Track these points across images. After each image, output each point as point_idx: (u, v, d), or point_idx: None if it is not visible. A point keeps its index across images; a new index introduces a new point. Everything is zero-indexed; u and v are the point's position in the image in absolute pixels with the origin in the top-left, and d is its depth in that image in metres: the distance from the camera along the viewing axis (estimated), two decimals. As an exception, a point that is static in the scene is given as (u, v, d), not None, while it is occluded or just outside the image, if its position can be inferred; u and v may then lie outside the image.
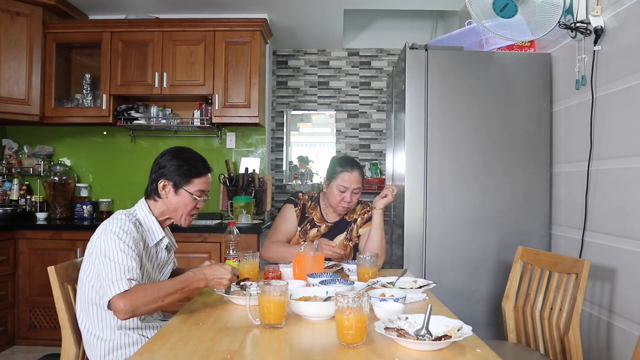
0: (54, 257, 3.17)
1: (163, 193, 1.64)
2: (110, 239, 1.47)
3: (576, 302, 1.70)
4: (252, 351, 1.19)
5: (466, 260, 2.54)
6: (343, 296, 1.19)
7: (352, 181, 2.15)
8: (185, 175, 1.64)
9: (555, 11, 2.09)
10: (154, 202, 1.68)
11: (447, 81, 2.57)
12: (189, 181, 1.65)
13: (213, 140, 3.93)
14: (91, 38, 3.60)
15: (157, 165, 1.67)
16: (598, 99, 2.13)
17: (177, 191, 1.64)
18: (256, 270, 1.87)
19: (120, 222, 1.53)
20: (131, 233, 1.52)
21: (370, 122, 4.79)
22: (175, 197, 1.65)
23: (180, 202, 1.65)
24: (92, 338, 1.54)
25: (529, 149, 2.57)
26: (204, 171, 1.69)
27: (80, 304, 1.57)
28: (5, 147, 3.82)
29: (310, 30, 4.29)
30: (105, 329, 1.53)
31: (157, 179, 1.64)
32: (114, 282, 1.40)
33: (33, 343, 3.26)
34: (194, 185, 1.66)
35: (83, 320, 1.56)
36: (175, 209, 1.66)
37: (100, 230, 1.54)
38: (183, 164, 1.65)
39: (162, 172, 1.64)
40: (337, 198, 2.17)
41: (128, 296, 1.38)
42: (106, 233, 1.49)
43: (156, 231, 1.66)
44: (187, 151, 1.71)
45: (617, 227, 2.00)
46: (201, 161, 1.70)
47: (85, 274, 1.55)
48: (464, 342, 1.19)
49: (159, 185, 1.64)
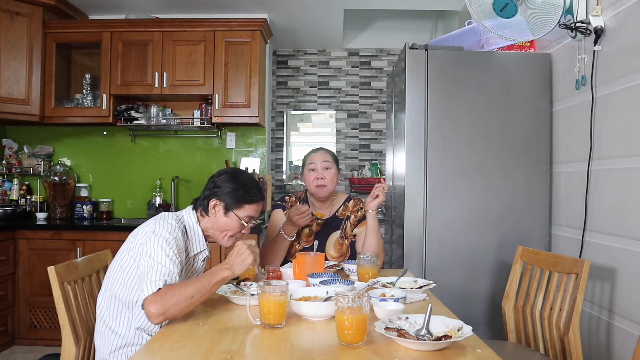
0: (54, 257, 3.17)
1: (212, 212, 1.65)
2: (157, 243, 1.47)
3: (576, 302, 1.70)
4: (252, 351, 1.18)
5: (466, 260, 2.54)
6: (343, 296, 1.19)
7: (318, 158, 2.18)
8: (238, 200, 1.64)
9: (555, 11, 2.09)
10: (202, 217, 1.68)
11: (447, 81, 2.57)
12: (240, 206, 1.65)
13: (213, 140, 3.93)
14: (91, 38, 3.60)
15: (213, 183, 1.68)
16: (598, 99, 2.13)
17: (227, 213, 1.65)
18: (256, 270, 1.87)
19: (170, 228, 1.52)
20: (178, 241, 1.52)
21: (370, 122, 4.79)
22: (224, 218, 1.65)
23: (228, 224, 1.65)
24: (107, 330, 1.55)
25: (528, 149, 2.57)
26: (257, 199, 1.68)
27: (104, 293, 1.58)
28: (5, 147, 3.82)
29: (310, 30, 4.29)
30: (122, 325, 1.54)
31: (210, 196, 1.65)
32: (152, 282, 1.38)
33: (33, 343, 3.27)
34: (245, 211, 1.66)
35: (102, 311, 1.57)
36: (220, 229, 1.66)
37: (148, 228, 1.53)
38: (238, 187, 1.65)
39: (215, 192, 1.65)
40: (310, 179, 2.17)
41: (158, 300, 1.35)
42: (155, 235, 1.49)
43: (200, 242, 1.68)
44: (244, 175, 1.72)
45: (617, 227, 2.00)
46: (256, 188, 1.69)
47: (119, 267, 1.55)
48: (464, 342, 1.19)
49: (210, 204, 1.65)
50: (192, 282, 1.41)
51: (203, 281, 1.42)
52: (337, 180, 2.24)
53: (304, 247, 2.21)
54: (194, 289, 1.39)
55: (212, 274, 1.45)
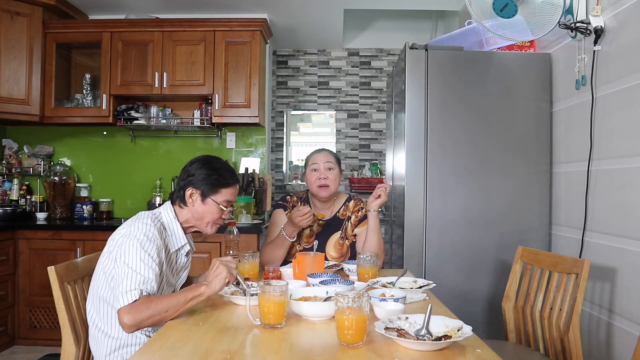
0: (54, 257, 3.17)
1: (190, 201, 1.64)
2: (133, 246, 1.45)
3: (576, 302, 1.70)
4: (252, 351, 1.18)
5: (466, 260, 2.54)
6: (343, 296, 1.19)
7: (321, 159, 2.19)
8: (214, 185, 1.64)
9: (555, 11, 2.09)
10: (180, 209, 1.67)
11: (447, 81, 2.57)
12: (216, 191, 1.65)
13: (213, 140, 3.93)
14: (91, 38, 3.60)
15: (186, 173, 1.67)
16: (598, 99, 2.13)
17: (204, 200, 1.64)
18: (256, 270, 1.87)
19: (145, 228, 1.51)
20: (155, 240, 1.51)
21: (370, 122, 4.79)
22: (202, 206, 1.64)
23: (207, 211, 1.65)
24: (100, 334, 1.54)
25: (529, 149, 2.57)
26: (232, 182, 1.69)
27: (91, 298, 1.57)
28: (5, 147, 3.82)
29: (310, 30, 4.29)
30: (114, 327, 1.53)
31: (185, 186, 1.64)
32: (127, 291, 1.38)
33: (33, 343, 3.27)
34: (222, 195, 1.66)
35: (92, 316, 1.56)
36: (201, 218, 1.66)
37: (124, 230, 1.52)
38: (212, 173, 1.65)
39: (190, 180, 1.64)
40: (313, 179, 2.17)
41: (132, 311, 1.36)
42: (130, 238, 1.47)
43: (179, 237, 1.67)
44: (216, 160, 1.71)
45: (617, 227, 2.00)
46: (230, 171, 1.70)
47: (102, 270, 1.54)
48: (464, 342, 1.19)
49: (187, 193, 1.64)
50: (168, 297, 1.42)
51: (180, 297, 1.42)
52: (340, 182, 2.24)
53: (304, 248, 2.21)
54: (168, 303, 1.39)
55: (190, 289, 1.45)
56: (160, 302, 1.39)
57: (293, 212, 2.05)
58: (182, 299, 1.42)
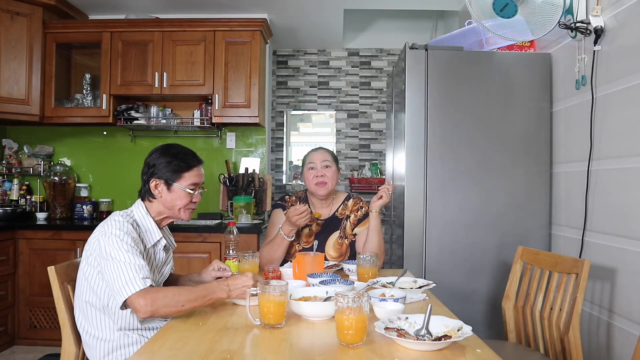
0: (54, 257, 3.17)
1: (157, 192, 1.63)
2: (112, 241, 1.45)
3: (576, 302, 1.70)
4: (252, 351, 1.18)
5: (466, 260, 2.54)
6: (343, 296, 1.19)
7: (318, 157, 2.20)
8: (175, 171, 1.62)
9: (555, 11, 2.09)
10: (150, 203, 1.66)
11: (447, 81, 2.57)
12: (179, 176, 1.63)
13: (213, 140, 3.93)
14: (91, 38, 3.60)
15: (147, 165, 1.66)
16: (598, 99, 2.13)
17: (170, 188, 1.63)
18: (256, 270, 1.87)
19: (118, 224, 1.50)
20: (130, 233, 1.51)
21: (370, 122, 4.79)
22: (170, 194, 1.63)
23: (175, 199, 1.63)
24: (91, 339, 1.53)
25: (528, 149, 2.57)
26: (194, 163, 1.67)
27: (78, 306, 1.56)
28: (5, 147, 3.82)
29: (310, 30, 4.29)
30: (104, 330, 1.52)
31: (149, 179, 1.63)
32: (128, 281, 1.38)
33: (33, 343, 3.27)
34: (185, 180, 1.64)
35: (82, 323, 1.55)
36: (171, 206, 1.64)
37: (97, 232, 1.52)
38: (171, 159, 1.63)
39: (152, 172, 1.63)
40: (310, 177, 2.18)
41: (149, 296, 1.37)
42: (105, 236, 1.47)
43: (153, 232, 1.65)
44: (174, 147, 1.69)
45: (617, 227, 2.00)
46: (190, 154, 1.68)
47: (83, 276, 1.54)
48: (464, 342, 1.19)
49: (151, 186, 1.63)
50: (186, 290, 1.42)
51: (198, 293, 1.43)
52: (337, 179, 2.24)
53: (303, 248, 2.21)
54: (186, 297, 1.40)
55: (210, 290, 1.45)
56: (179, 294, 1.40)
57: (290, 210, 2.05)
58: (200, 298, 1.42)
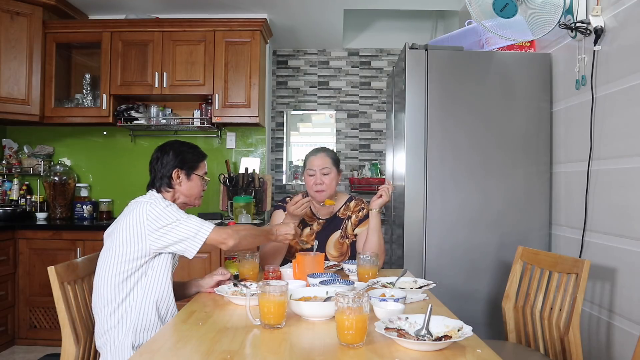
0: (54, 257, 3.17)
1: (177, 182, 1.79)
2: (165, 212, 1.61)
3: (576, 302, 1.70)
4: (252, 351, 1.18)
5: (466, 260, 2.54)
6: (343, 296, 1.19)
7: (317, 163, 2.19)
8: (193, 162, 1.82)
9: (555, 11, 2.09)
10: (167, 193, 1.79)
11: (447, 81, 2.57)
12: (196, 166, 1.83)
13: (213, 140, 3.93)
14: (91, 38, 3.60)
15: (162, 159, 1.79)
16: (598, 99, 2.13)
17: (190, 177, 1.81)
18: (256, 270, 1.87)
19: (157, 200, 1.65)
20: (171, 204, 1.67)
21: (370, 122, 4.79)
22: (188, 182, 1.81)
23: (193, 187, 1.82)
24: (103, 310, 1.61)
25: (529, 149, 2.57)
26: (203, 156, 1.89)
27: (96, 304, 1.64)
28: (5, 147, 3.82)
29: (310, 30, 4.29)
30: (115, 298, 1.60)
31: (170, 170, 1.77)
32: (200, 228, 1.61)
33: (33, 343, 3.27)
34: (201, 169, 1.85)
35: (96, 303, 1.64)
36: (190, 194, 1.82)
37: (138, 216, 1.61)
38: (187, 150, 1.83)
39: (172, 164, 1.78)
40: (310, 183, 2.19)
41: (227, 229, 1.65)
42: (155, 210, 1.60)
43: None
44: (182, 142, 1.87)
45: (617, 227, 2.00)
46: (198, 148, 1.90)
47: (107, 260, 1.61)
48: (464, 342, 1.19)
49: (173, 175, 1.78)
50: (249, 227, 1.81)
51: (259, 230, 1.84)
52: (338, 182, 2.24)
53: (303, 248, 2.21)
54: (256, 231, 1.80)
55: (266, 230, 1.87)
56: (245, 229, 1.74)
57: (288, 205, 2.06)
58: (261, 232, 1.84)
